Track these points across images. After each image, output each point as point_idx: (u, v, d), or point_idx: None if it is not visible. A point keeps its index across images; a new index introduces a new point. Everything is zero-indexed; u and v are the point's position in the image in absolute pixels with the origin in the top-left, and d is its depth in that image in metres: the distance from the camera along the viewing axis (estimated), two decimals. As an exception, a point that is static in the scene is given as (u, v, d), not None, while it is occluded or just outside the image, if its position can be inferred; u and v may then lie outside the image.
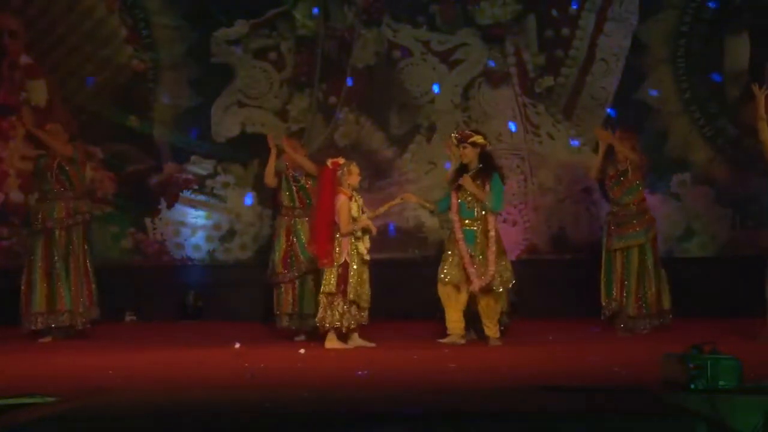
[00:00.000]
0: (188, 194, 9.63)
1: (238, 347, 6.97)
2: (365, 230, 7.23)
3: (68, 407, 4.50)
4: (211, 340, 7.59)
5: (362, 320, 7.23)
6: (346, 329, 7.16)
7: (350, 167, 7.28)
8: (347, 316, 7.12)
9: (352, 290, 7.10)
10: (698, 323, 7.98)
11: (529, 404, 4.51)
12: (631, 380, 5.26)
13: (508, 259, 7.48)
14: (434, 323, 7.70)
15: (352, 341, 7.20)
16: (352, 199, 7.24)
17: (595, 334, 7.97)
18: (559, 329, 8.06)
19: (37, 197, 8.29)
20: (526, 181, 9.68)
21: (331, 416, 4.26)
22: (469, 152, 7.39)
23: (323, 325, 7.17)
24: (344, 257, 7.12)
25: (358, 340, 7.22)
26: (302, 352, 6.90)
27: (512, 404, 4.54)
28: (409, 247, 9.59)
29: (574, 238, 9.65)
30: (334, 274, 7.12)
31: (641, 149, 8.30)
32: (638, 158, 7.98)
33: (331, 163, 7.29)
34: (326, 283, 7.18)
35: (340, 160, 7.33)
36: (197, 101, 9.64)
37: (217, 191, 9.65)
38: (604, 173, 8.17)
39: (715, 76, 9.57)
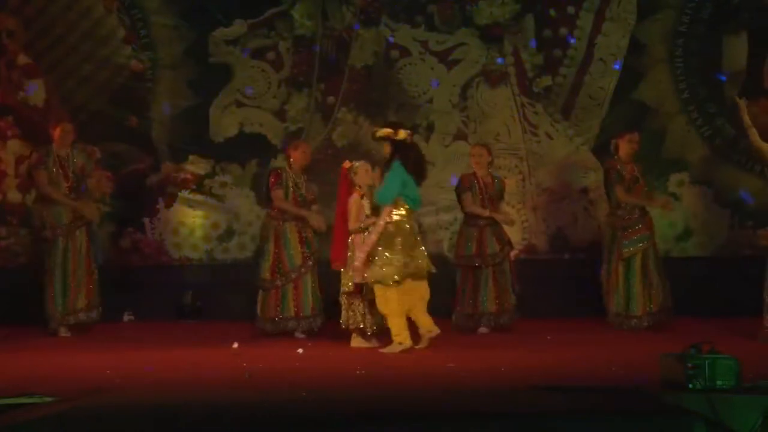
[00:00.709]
0: (186, 194, 9.62)
1: (236, 347, 6.96)
2: None
3: (66, 407, 4.49)
4: (209, 339, 7.58)
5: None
6: (370, 330, 7.13)
7: (358, 167, 7.24)
8: (368, 317, 7.10)
9: (368, 290, 7.01)
10: (696, 323, 7.98)
11: (527, 404, 4.51)
12: (629, 380, 5.26)
13: (398, 254, 6.83)
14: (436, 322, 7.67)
15: (354, 341, 7.18)
16: (364, 197, 7.22)
17: (593, 334, 7.95)
18: (557, 329, 8.05)
19: (35, 197, 8.26)
20: (524, 180, 9.68)
21: (329, 416, 4.26)
22: (384, 147, 7.07)
23: (347, 326, 7.16)
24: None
25: (357, 339, 7.20)
26: (300, 351, 6.89)
27: (510, 404, 4.53)
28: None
29: (572, 237, 9.65)
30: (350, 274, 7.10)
31: (640, 149, 8.33)
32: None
33: (342, 166, 7.30)
34: (344, 283, 7.18)
35: (347, 163, 7.32)
36: (195, 101, 9.63)
37: (215, 191, 9.64)
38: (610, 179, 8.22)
39: (720, 76, 9.56)
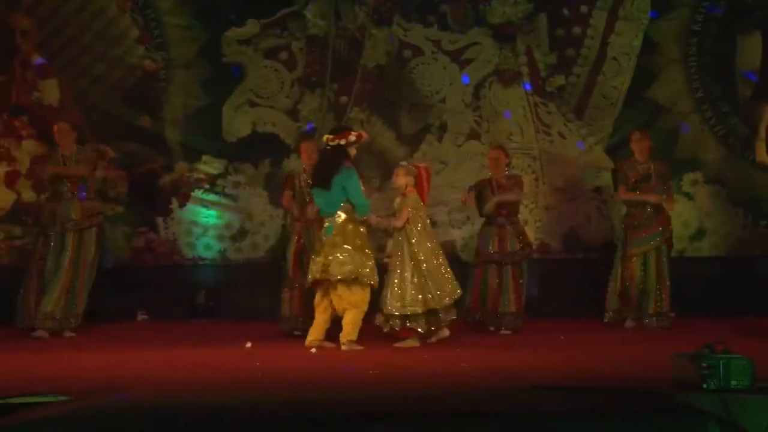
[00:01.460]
0: (199, 194, 9.65)
1: (249, 347, 6.98)
2: None
3: (79, 406, 4.51)
4: (222, 339, 7.59)
5: (441, 321, 7.13)
6: (425, 331, 7.11)
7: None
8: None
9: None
10: (710, 323, 7.96)
11: (538, 404, 4.50)
12: (642, 380, 5.25)
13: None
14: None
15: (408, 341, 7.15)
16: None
17: (607, 334, 7.94)
18: (570, 329, 8.04)
19: (48, 196, 8.30)
20: (537, 180, 9.66)
21: (341, 416, 4.26)
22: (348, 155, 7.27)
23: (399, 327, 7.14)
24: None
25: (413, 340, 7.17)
26: (313, 351, 6.90)
27: (521, 404, 4.53)
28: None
29: (585, 237, 9.63)
30: None
31: (654, 149, 8.32)
32: None
33: (422, 167, 7.38)
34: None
35: (421, 163, 7.44)
36: (208, 101, 9.65)
37: (228, 191, 9.67)
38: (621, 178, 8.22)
39: (749, 74, 9.52)
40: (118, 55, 9.62)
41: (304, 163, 8.10)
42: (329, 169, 7.13)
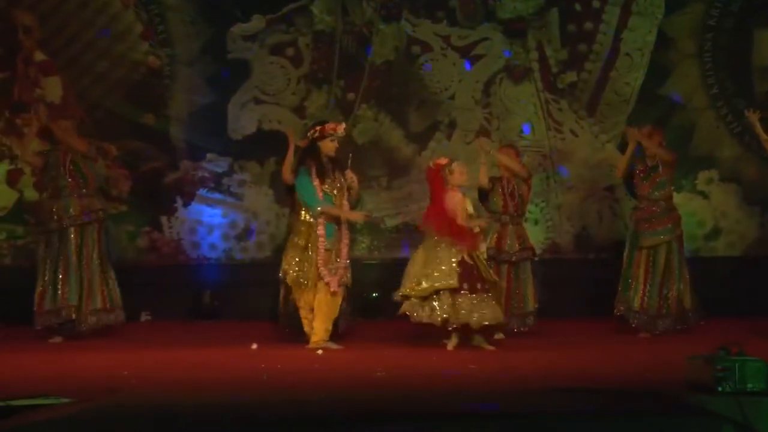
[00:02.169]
0: (204, 192, 9.65)
1: (255, 348, 6.97)
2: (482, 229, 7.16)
3: (82, 408, 4.51)
4: (227, 340, 7.60)
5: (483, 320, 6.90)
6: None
7: (452, 167, 7.12)
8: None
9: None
10: (725, 324, 7.91)
11: (546, 406, 4.49)
12: (655, 382, 5.23)
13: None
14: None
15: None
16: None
17: (618, 335, 7.91)
18: (581, 330, 8.02)
19: (48, 194, 8.30)
20: (548, 179, 9.64)
21: (347, 417, 4.26)
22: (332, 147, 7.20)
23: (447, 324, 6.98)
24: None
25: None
26: (320, 353, 6.90)
27: (530, 406, 4.52)
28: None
29: (597, 237, 9.61)
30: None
31: (667, 146, 8.26)
32: (668, 155, 7.93)
33: (433, 164, 7.23)
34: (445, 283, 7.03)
35: (442, 160, 7.23)
36: (213, 98, 9.66)
37: (233, 189, 9.67)
38: (629, 172, 8.12)
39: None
40: (121, 51, 9.63)
41: None
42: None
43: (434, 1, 9.73)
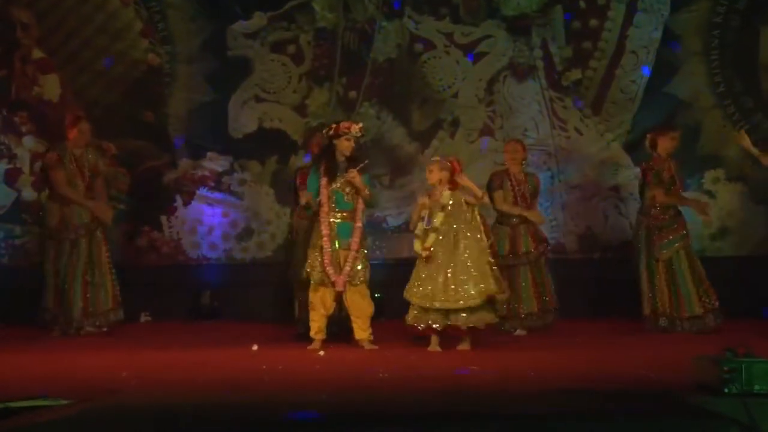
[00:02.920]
0: (204, 191, 9.66)
1: (255, 349, 6.99)
2: None
3: (80, 410, 4.52)
4: (227, 341, 7.61)
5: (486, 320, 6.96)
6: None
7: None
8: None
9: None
10: (732, 325, 7.92)
11: (549, 406, 4.50)
12: (661, 383, 5.23)
13: None
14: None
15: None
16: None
17: (624, 335, 7.92)
18: (587, 330, 8.03)
19: (49, 195, 8.30)
20: (553, 178, 9.65)
21: (349, 419, 4.27)
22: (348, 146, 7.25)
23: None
24: None
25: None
26: (322, 354, 6.91)
27: (533, 406, 4.53)
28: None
29: (602, 237, 9.61)
30: None
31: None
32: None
33: (455, 161, 7.29)
34: None
35: (454, 158, 7.34)
36: (213, 96, 9.67)
37: (234, 188, 9.68)
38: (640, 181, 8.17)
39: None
40: (120, 49, 9.64)
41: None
42: None
43: (437, -3, 9.74)
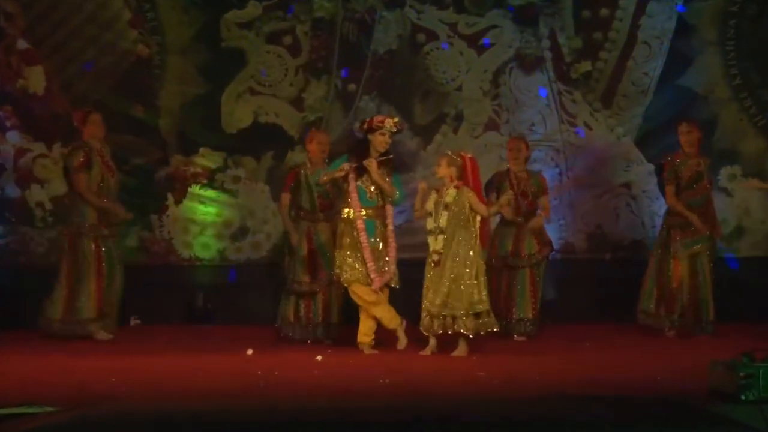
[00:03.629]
0: (197, 189, 9.65)
1: (250, 353, 6.99)
2: None
3: (68, 417, 4.53)
4: (221, 345, 7.62)
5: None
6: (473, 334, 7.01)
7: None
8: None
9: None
10: (748, 328, 7.93)
11: (561, 414, 4.50)
12: (675, 390, 5.24)
13: None
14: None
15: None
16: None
17: (636, 338, 7.92)
18: (596, 334, 8.03)
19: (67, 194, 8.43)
20: (561, 175, 9.65)
21: (348, 425, 4.27)
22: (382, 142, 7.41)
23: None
24: None
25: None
26: (319, 359, 6.91)
27: (544, 414, 4.53)
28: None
29: (613, 236, 9.60)
30: None
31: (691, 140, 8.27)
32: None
33: (467, 157, 7.23)
34: None
35: (465, 153, 7.31)
36: (206, 88, 9.66)
37: (227, 186, 9.67)
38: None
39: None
40: (109, 39, 9.62)
41: (312, 153, 8.05)
42: None
43: (440, -14, 9.74)
